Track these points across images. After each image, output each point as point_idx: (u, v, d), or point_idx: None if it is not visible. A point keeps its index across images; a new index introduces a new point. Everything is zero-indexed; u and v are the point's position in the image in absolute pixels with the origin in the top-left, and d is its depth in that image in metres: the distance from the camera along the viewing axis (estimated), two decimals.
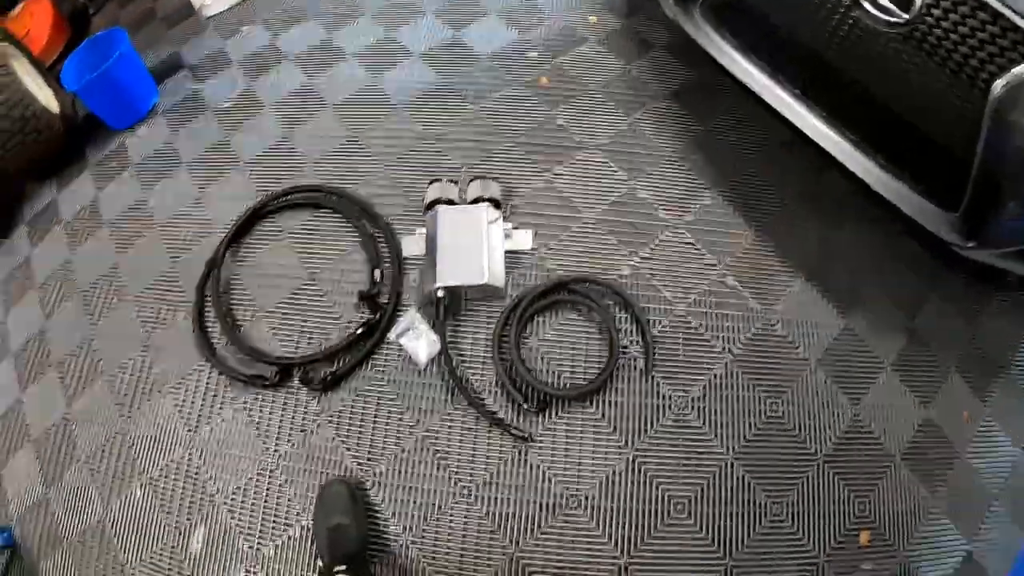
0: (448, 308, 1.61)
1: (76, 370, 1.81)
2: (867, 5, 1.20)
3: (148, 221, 1.98)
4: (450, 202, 1.71)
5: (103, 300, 1.89)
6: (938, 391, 1.60)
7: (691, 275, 1.69)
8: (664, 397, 1.52)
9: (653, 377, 1.54)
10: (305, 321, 1.68)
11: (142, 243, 1.94)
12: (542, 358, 1.60)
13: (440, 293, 1.58)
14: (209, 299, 1.73)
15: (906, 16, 1.16)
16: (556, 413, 1.53)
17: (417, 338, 1.62)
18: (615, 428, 1.51)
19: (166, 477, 1.59)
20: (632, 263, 1.71)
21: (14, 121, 2.02)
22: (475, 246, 1.62)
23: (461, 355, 1.62)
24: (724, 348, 1.59)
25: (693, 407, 1.52)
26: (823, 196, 1.81)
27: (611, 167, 1.87)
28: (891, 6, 1.17)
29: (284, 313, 1.70)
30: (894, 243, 1.73)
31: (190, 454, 1.61)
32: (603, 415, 1.52)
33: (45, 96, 2.29)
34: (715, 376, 1.55)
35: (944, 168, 1.31)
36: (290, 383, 1.63)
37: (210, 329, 1.72)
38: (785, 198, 1.81)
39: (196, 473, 1.58)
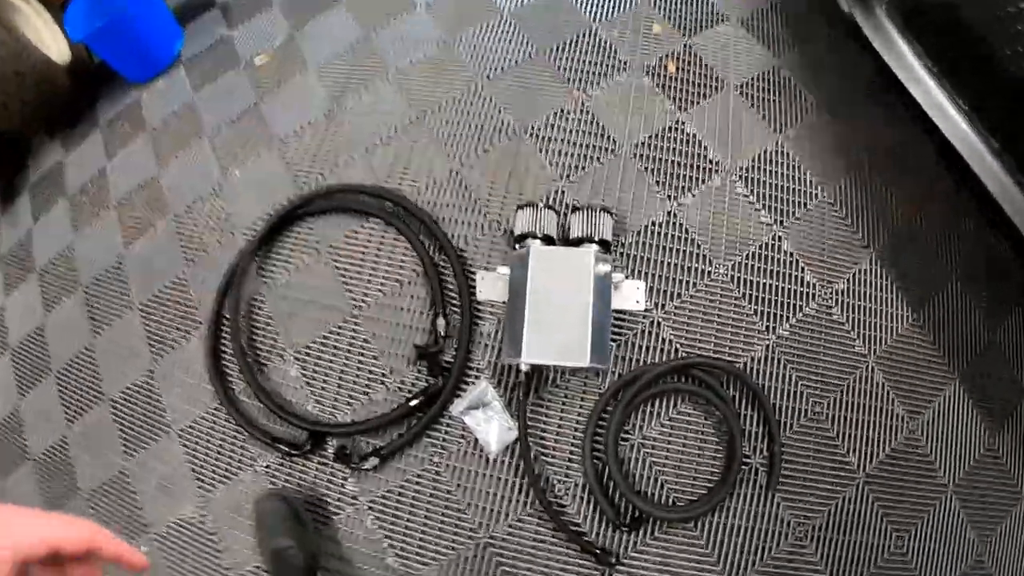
0: (532, 386, 1.18)
1: (75, 387, 1.49)
2: None
3: (160, 206, 1.59)
4: (547, 239, 1.24)
5: (106, 304, 1.54)
6: None
7: (835, 365, 1.25)
8: (783, 523, 1.17)
9: (772, 496, 1.17)
10: (344, 371, 1.28)
11: (152, 235, 1.56)
12: (643, 460, 1.20)
13: (524, 368, 1.14)
14: (227, 325, 1.35)
15: None
16: (651, 532, 1.17)
17: (488, 420, 1.21)
18: (720, 558, 1.14)
19: (174, 538, 1.29)
20: (768, 342, 1.25)
21: (6, 78, 1.64)
22: (577, 311, 1.15)
23: (542, 445, 1.21)
24: (858, 465, 1.20)
25: (813, 538, 1.16)
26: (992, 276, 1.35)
27: (752, 203, 1.35)
28: None
29: (319, 358, 1.30)
30: None
31: (202, 516, 1.29)
32: (708, 540, 1.15)
33: (57, 44, 1.89)
34: (844, 500, 1.19)
35: None
36: (323, 451, 1.25)
37: (227, 363, 1.35)
38: (952, 274, 1.35)
39: (209, 539, 1.27)
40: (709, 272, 1.31)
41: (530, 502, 1.19)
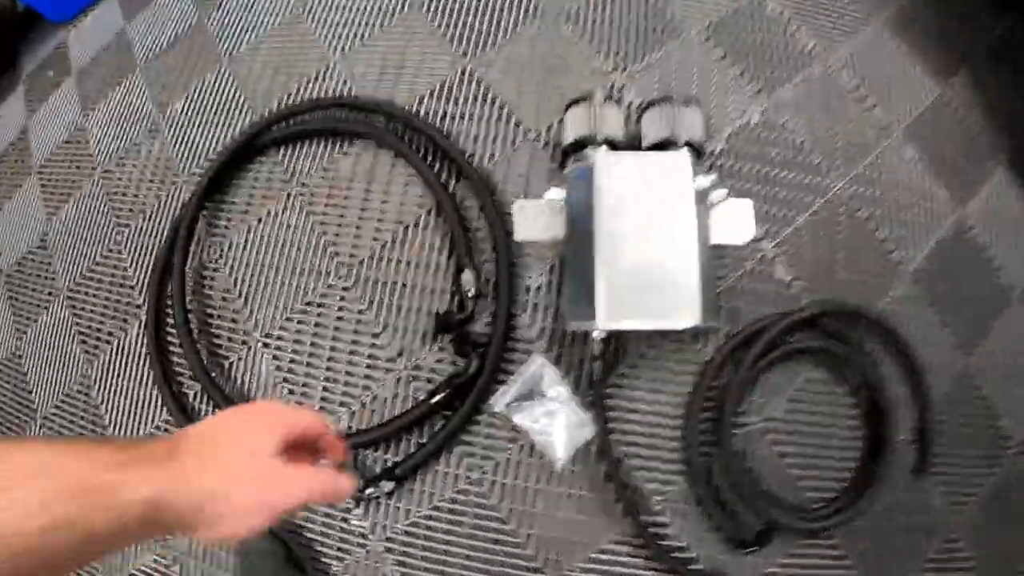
0: (611, 362, 0.79)
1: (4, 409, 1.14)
2: None
3: (86, 162, 1.21)
4: (610, 144, 0.82)
5: (31, 294, 1.18)
6: None
7: (982, 298, 0.91)
8: (935, 513, 0.84)
9: (922, 480, 0.84)
10: (334, 358, 0.89)
11: (77, 200, 1.19)
12: (767, 450, 0.84)
13: (600, 336, 0.75)
14: (173, 308, 0.97)
15: None
16: (784, 548, 0.82)
17: (550, 414, 0.81)
18: (865, 570, 0.81)
19: None
20: (906, 275, 0.87)
21: None
22: (677, 247, 0.76)
23: (628, 443, 0.82)
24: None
25: (968, 527, 0.83)
26: None
27: (863, 97, 0.94)
28: None
29: (297, 342, 0.91)
30: None
31: (166, 566, 0.93)
32: (847, 549, 0.81)
33: None
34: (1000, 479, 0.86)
35: None
36: None
37: (178, 360, 0.98)
38: None
39: None
40: (826, 188, 0.91)
41: (615, 524, 0.80)
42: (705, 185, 0.81)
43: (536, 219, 0.87)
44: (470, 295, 0.82)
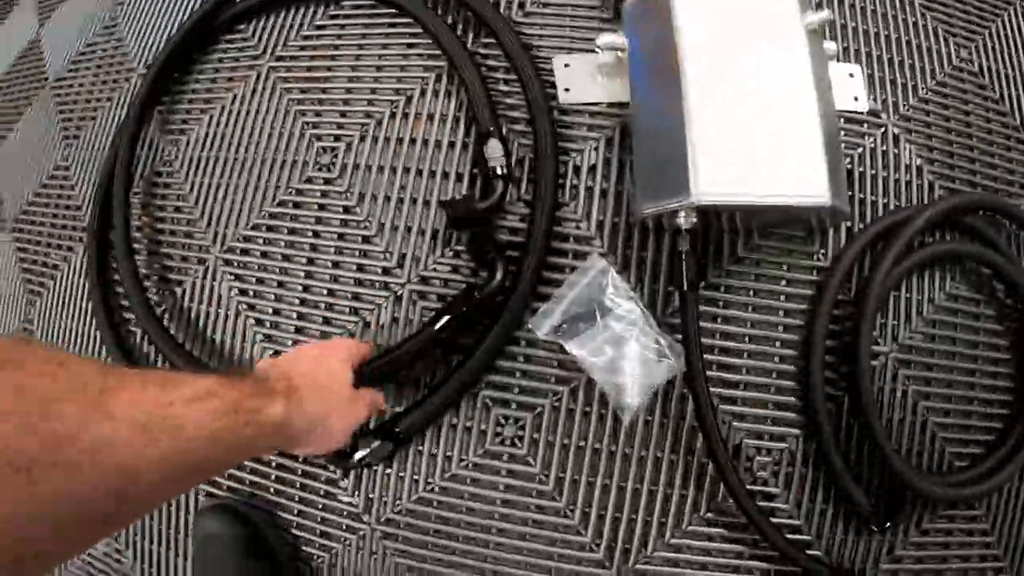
0: (702, 265, 0.55)
1: None
2: None
3: (38, 77, 1.01)
4: None
5: None
6: None
7: None
8: None
9: None
10: (313, 272, 0.66)
11: (29, 117, 0.99)
12: (903, 392, 0.61)
13: (688, 222, 0.51)
14: (116, 223, 0.75)
15: None
16: (920, 523, 0.61)
17: (617, 342, 0.56)
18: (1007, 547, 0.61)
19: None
20: None
21: None
22: (789, 101, 0.53)
23: (726, 381, 0.58)
24: None
25: None
26: None
27: None
28: None
29: (267, 257, 0.68)
30: None
31: (117, 552, 0.72)
32: (993, 520, 0.62)
33: None
34: None
35: None
36: None
37: (121, 292, 0.76)
38: None
39: None
40: (949, 55, 0.65)
41: (707, 498, 0.56)
42: (819, 20, 0.56)
43: (589, 75, 0.63)
44: (498, 172, 0.58)
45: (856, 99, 0.68)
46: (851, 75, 0.69)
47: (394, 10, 0.70)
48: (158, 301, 0.72)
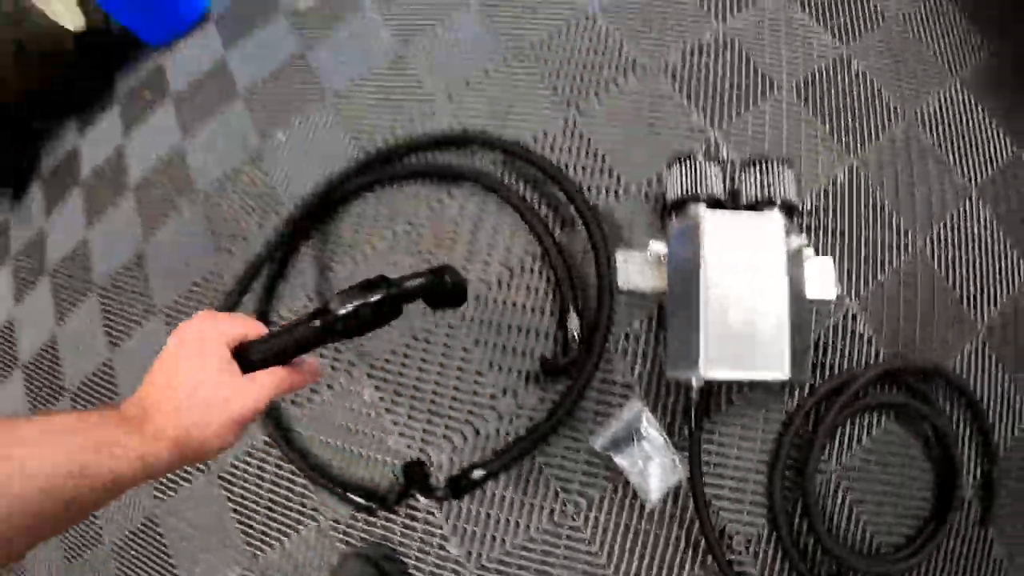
0: (705, 409, 0.84)
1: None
2: None
3: (186, 185, 1.27)
4: (715, 202, 0.87)
5: (127, 309, 1.23)
6: None
7: None
8: (997, 565, 0.87)
9: (986, 532, 0.88)
10: (438, 391, 0.94)
11: (176, 220, 1.25)
12: (841, 497, 0.88)
13: (698, 385, 0.80)
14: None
15: None
16: None
17: (646, 458, 0.85)
18: None
19: None
20: (977, 334, 0.93)
21: (4, 48, 1.36)
22: (770, 304, 0.81)
23: (717, 486, 0.86)
24: None
25: None
26: None
27: (944, 161, 1.00)
28: None
29: (401, 375, 0.96)
30: None
31: None
32: None
33: (68, 9, 1.61)
34: None
35: None
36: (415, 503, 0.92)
37: None
38: None
39: None
40: (907, 247, 0.96)
41: (699, 562, 0.85)
42: (797, 245, 0.86)
43: (640, 270, 0.93)
44: (575, 336, 0.87)
45: (827, 288, 0.90)
46: (825, 268, 0.91)
47: (499, 197, 0.99)
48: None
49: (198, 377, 0.44)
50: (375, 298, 0.49)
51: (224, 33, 1.45)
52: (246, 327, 0.48)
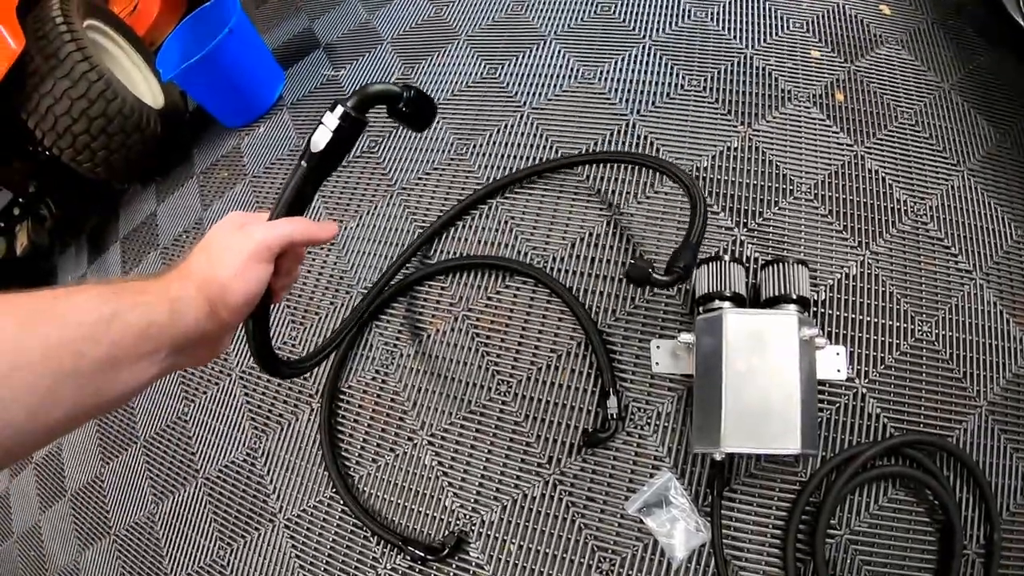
0: (726, 479, 0.97)
1: (167, 469, 1.33)
2: None
3: None
4: (736, 299, 1.03)
5: (202, 370, 1.38)
6: None
7: None
8: None
9: None
10: (491, 459, 1.07)
11: None
12: (851, 561, 0.98)
13: (720, 457, 0.94)
14: (344, 401, 1.17)
15: None
16: None
17: (673, 521, 0.98)
18: None
19: None
20: (978, 410, 1.03)
21: (95, 121, 1.54)
22: (784, 388, 0.95)
23: (736, 548, 0.98)
24: None
25: None
26: None
27: (948, 247, 1.14)
28: None
29: (458, 444, 1.10)
30: None
31: None
32: None
33: (150, 89, 1.83)
34: None
35: None
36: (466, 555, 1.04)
37: (346, 447, 1.16)
38: None
39: None
40: (913, 331, 1.09)
41: None
42: (811, 334, 1.00)
43: (671, 356, 1.07)
44: (613, 416, 1.01)
45: (839, 371, 1.04)
46: (837, 354, 1.06)
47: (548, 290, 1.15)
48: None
49: (219, 237, 0.52)
50: (335, 123, 0.58)
51: (297, 120, 1.65)
52: (265, 216, 0.56)
